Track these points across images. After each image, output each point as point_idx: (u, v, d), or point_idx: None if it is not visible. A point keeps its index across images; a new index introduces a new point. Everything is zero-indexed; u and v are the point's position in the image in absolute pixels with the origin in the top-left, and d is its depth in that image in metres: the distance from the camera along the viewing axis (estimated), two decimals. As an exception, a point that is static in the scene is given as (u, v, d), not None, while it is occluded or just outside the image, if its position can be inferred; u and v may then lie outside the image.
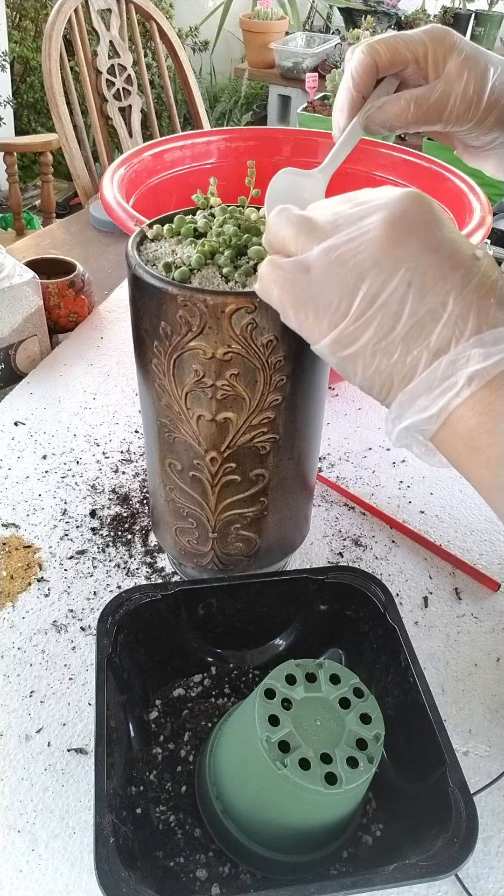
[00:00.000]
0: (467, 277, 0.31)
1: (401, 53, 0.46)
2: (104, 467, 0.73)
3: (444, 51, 0.46)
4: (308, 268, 0.32)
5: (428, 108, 0.47)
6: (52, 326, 0.91)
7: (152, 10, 1.65)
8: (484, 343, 0.30)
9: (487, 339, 0.30)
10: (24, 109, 2.89)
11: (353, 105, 0.48)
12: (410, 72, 0.48)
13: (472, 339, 0.30)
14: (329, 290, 0.31)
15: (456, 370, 0.30)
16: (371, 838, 0.44)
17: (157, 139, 0.98)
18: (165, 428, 0.46)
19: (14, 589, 0.60)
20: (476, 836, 0.37)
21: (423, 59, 0.46)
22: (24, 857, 0.44)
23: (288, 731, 0.37)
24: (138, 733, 0.48)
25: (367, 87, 0.48)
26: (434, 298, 0.30)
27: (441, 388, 0.30)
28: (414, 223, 0.31)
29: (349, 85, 0.48)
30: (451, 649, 0.58)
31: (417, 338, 0.31)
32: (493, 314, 0.30)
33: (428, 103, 0.47)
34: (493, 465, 0.31)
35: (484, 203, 0.82)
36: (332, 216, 0.33)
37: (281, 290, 0.33)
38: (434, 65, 0.47)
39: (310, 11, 3.23)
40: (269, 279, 0.34)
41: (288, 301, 0.33)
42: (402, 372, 0.31)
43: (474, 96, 0.47)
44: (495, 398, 0.30)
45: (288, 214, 0.34)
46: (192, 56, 3.14)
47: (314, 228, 0.33)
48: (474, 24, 2.73)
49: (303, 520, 0.57)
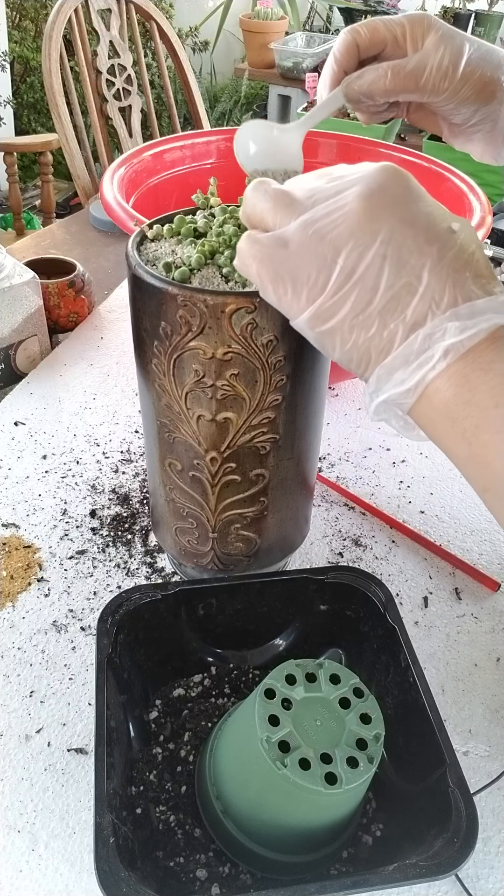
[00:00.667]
0: (443, 251, 0.31)
1: (380, 32, 0.49)
2: (104, 467, 0.73)
3: (422, 29, 0.49)
4: (286, 242, 0.32)
5: (405, 75, 0.49)
6: (52, 326, 0.91)
7: (152, 10, 1.65)
8: (460, 316, 0.30)
9: (463, 313, 0.30)
10: (24, 109, 2.89)
11: (335, 78, 0.52)
12: (391, 50, 0.50)
13: (448, 312, 0.30)
14: (307, 264, 0.32)
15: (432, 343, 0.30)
16: (371, 838, 0.44)
17: (157, 139, 0.98)
18: (165, 428, 0.46)
19: (14, 589, 0.60)
20: (476, 836, 0.37)
21: (401, 38, 0.49)
22: (24, 857, 0.44)
23: (288, 731, 0.37)
24: (138, 733, 0.48)
25: (348, 64, 0.51)
26: (410, 272, 0.31)
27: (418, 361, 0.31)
28: (390, 197, 0.31)
29: (331, 61, 0.52)
30: (451, 649, 0.58)
31: (394, 311, 0.31)
32: (468, 287, 0.31)
33: (405, 71, 0.49)
34: (468, 437, 0.31)
35: (484, 203, 0.82)
36: (309, 191, 0.33)
37: (259, 264, 0.33)
38: (412, 41, 0.49)
39: (310, 11, 3.23)
40: (247, 254, 0.34)
41: (266, 276, 0.33)
42: (379, 346, 0.32)
43: (449, 66, 0.49)
44: (471, 370, 0.30)
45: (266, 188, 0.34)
46: (192, 56, 3.14)
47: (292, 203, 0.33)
48: (474, 24, 2.73)
49: (303, 520, 0.57)
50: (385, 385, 0.32)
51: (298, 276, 0.32)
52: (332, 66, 0.52)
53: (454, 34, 0.50)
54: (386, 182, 0.32)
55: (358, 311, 0.31)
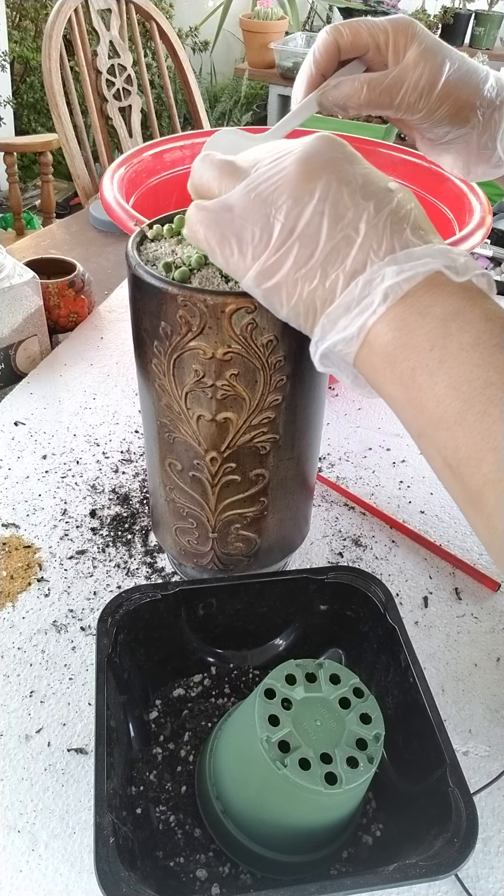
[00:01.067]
0: (380, 205, 0.32)
1: (362, 37, 0.49)
2: (104, 467, 0.73)
3: (405, 39, 0.48)
4: (231, 207, 0.34)
5: (380, 91, 0.49)
6: (52, 326, 0.91)
7: (152, 10, 1.65)
8: (397, 261, 0.31)
9: (401, 257, 0.31)
10: (24, 109, 2.89)
11: (312, 82, 0.51)
12: (372, 56, 0.50)
13: (387, 258, 0.31)
14: (251, 225, 0.33)
15: (372, 289, 0.31)
16: (371, 838, 0.44)
17: (157, 139, 0.98)
18: (165, 428, 0.46)
19: (14, 589, 0.60)
20: (476, 836, 0.37)
21: (384, 45, 0.49)
22: (24, 857, 0.44)
23: (288, 731, 0.37)
24: (138, 733, 0.48)
25: (327, 66, 0.51)
26: (348, 225, 0.32)
27: (359, 307, 0.31)
28: (326, 159, 0.33)
29: (310, 62, 0.51)
30: (451, 649, 0.58)
31: (334, 262, 0.32)
32: (407, 237, 0.32)
33: (380, 87, 0.49)
34: (405, 380, 0.31)
35: (484, 203, 0.82)
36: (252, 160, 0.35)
37: (206, 228, 0.35)
38: (394, 51, 0.49)
39: (310, 11, 3.22)
40: (195, 220, 0.35)
41: (213, 238, 0.34)
42: (323, 296, 0.32)
43: (426, 87, 0.49)
44: (409, 314, 0.31)
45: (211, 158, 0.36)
46: (192, 56, 3.14)
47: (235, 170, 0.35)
48: (474, 24, 2.73)
49: (303, 520, 0.57)
50: (329, 333, 0.33)
51: (243, 236, 0.33)
52: (311, 67, 0.51)
53: (436, 49, 0.49)
54: (322, 147, 0.33)
55: (300, 265, 0.32)
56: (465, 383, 0.30)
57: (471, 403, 0.30)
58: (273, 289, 0.34)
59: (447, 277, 0.31)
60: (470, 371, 0.30)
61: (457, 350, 0.30)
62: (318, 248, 0.32)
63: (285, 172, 0.33)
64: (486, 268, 1.13)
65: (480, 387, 0.29)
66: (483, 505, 0.30)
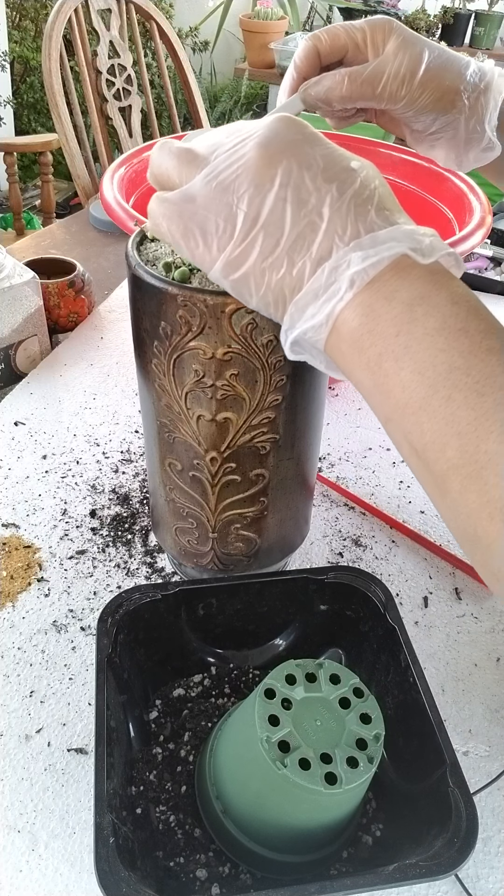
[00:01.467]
0: (343, 187, 0.32)
1: (340, 39, 0.50)
2: (104, 467, 0.73)
3: (382, 35, 0.50)
4: (193, 197, 0.33)
5: (362, 82, 0.50)
6: (52, 326, 0.91)
7: (152, 10, 1.65)
8: (362, 246, 0.31)
9: (365, 242, 0.31)
10: (24, 109, 2.89)
11: (294, 86, 0.53)
12: (352, 56, 0.51)
13: (352, 243, 0.31)
14: (214, 215, 0.32)
15: (338, 276, 0.31)
16: (371, 838, 0.44)
17: (157, 139, 0.98)
18: (165, 428, 0.46)
19: (14, 589, 0.60)
20: (476, 836, 0.37)
21: (362, 43, 0.50)
22: (24, 857, 0.44)
23: (288, 731, 0.37)
24: (138, 733, 0.48)
25: (308, 71, 0.52)
26: (311, 210, 0.31)
27: (326, 294, 0.31)
28: (286, 143, 0.32)
29: (292, 68, 0.52)
30: (451, 649, 0.58)
31: (300, 249, 0.31)
32: (371, 219, 0.31)
33: (361, 77, 0.50)
34: (372, 366, 0.31)
35: (484, 203, 0.82)
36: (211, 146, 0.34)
37: (169, 221, 0.34)
38: (373, 47, 0.50)
39: (310, 11, 3.22)
40: (157, 213, 0.34)
41: (177, 231, 0.34)
42: (291, 284, 0.32)
43: (407, 73, 0.50)
44: (375, 300, 0.30)
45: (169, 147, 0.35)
46: (192, 56, 3.14)
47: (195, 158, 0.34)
48: (474, 24, 2.73)
49: (303, 520, 0.57)
50: (297, 322, 0.32)
51: (207, 227, 0.33)
52: (292, 72, 0.53)
53: (415, 41, 0.50)
54: (281, 129, 0.33)
55: (267, 254, 0.32)
56: (429, 368, 0.30)
57: (435, 388, 0.29)
58: (241, 279, 0.33)
59: (413, 260, 0.31)
60: (435, 356, 0.30)
61: (422, 335, 0.30)
62: (283, 237, 0.32)
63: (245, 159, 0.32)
64: (486, 268, 1.13)
65: (445, 371, 0.29)
66: (448, 490, 0.30)
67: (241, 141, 0.33)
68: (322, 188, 0.31)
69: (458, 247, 0.72)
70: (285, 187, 0.31)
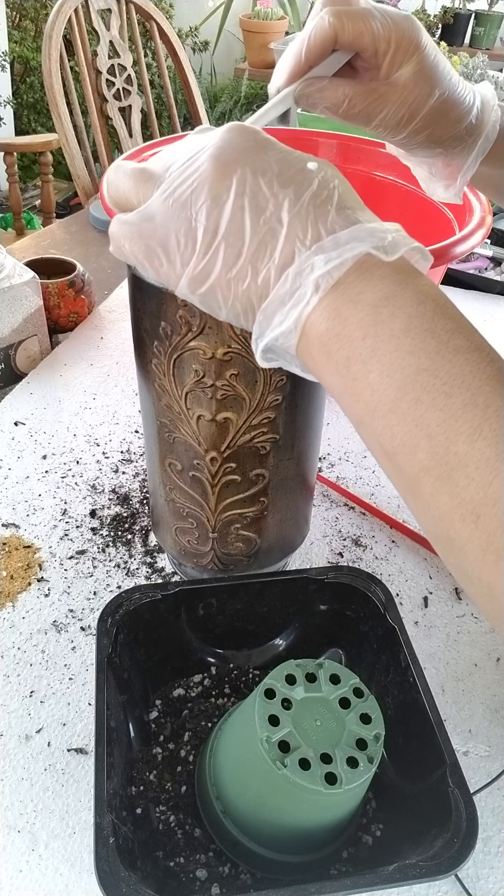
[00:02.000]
0: (300, 190, 0.31)
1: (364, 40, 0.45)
2: (104, 467, 0.73)
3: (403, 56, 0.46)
4: (152, 216, 0.33)
5: (360, 110, 0.48)
6: (52, 326, 0.91)
7: (152, 10, 1.65)
8: (324, 249, 0.30)
9: (327, 245, 0.30)
10: (24, 109, 2.89)
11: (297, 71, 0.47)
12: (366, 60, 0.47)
13: (314, 247, 0.30)
14: (174, 232, 0.32)
15: (302, 280, 0.30)
16: (371, 838, 0.44)
17: (157, 139, 0.98)
18: (165, 428, 0.46)
19: (14, 589, 0.60)
20: (476, 836, 0.37)
21: (382, 55, 0.46)
22: (24, 857, 0.44)
23: (288, 731, 0.37)
24: (138, 733, 0.48)
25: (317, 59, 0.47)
26: (270, 217, 0.31)
27: (292, 300, 0.31)
28: (239, 151, 0.32)
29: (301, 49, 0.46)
30: (451, 649, 0.58)
31: (263, 257, 0.31)
32: (332, 220, 0.31)
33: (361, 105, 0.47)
34: (341, 369, 0.31)
35: (484, 203, 0.82)
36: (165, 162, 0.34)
37: (131, 243, 0.34)
38: (390, 64, 0.46)
39: (310, 11, 3.22)
40: (118, 235, 0.34)
41: (140, 252, 0.34)
42: (258, 293, 0.32)
43: (406, 116, 0.48)
44: (341, 303, 0.30)
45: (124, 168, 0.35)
46: (192, 56, 3.14)
47: (150, 177, 0.34)
48: (474, 24, 2.73)
49: (303, 520, 0.57)
50: (266, 330, 0.32)
51: (168, 245, 0.32)
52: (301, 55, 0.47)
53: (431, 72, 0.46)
54: (233, 139, 0.32)
55: (230, 265, 0.32)
56: (397, 371, 0.29)
57: (404, 391, 0.29)
58: (208, 293, 0.33)
59: (377, 258, 0.30)
60: (402, 358, 0.29)
61: (388, 337, 0.30)
62: (244, 246, 0.31)
63: (199, 172, 0.32)
64: (486, 268, 1.13)
65: (413, 373, 0.29)
66: (420, 492, 0.30)
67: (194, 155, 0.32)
68: (279, 193, 0.31)
69: (458, 247, 0.71)
70: (242, 196, 0.31)
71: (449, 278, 1.08)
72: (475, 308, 1.04)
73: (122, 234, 0.34)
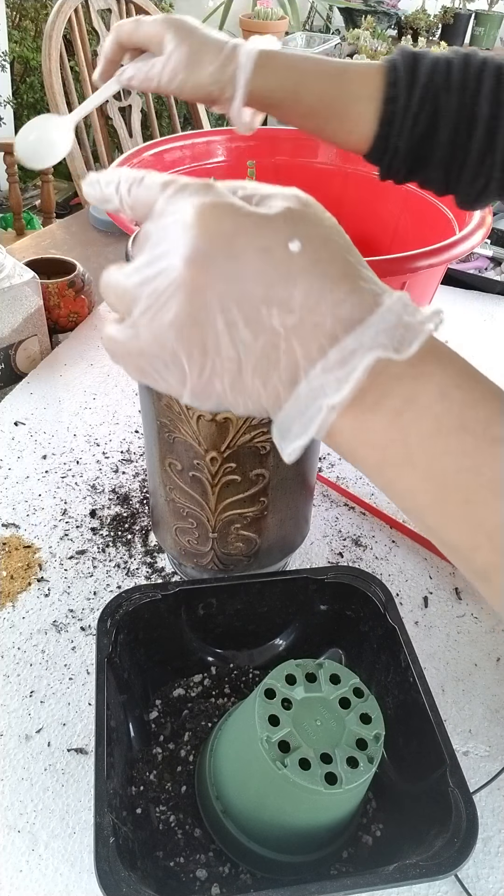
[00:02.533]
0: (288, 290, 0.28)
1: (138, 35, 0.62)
2: (104, 467, 0.73)
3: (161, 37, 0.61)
4: (137, 334, 0.31)
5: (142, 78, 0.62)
6: (52, 326, 0.91)
7: (152, 11, 1.65)
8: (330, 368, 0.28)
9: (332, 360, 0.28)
10: (24, 109, 2.89)
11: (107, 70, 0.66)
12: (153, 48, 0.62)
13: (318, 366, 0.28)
14: (161, 353, 0.30)
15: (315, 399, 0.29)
16: (371, 838, 0.44)
17: (157, 139, 0.98)
18: (165, 428, 0.46)
19: (14, 589, 0.60)
20: (476, 836, 0.37)
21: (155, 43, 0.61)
22: (24, 857, 0.44)
23: (288, 731, 0.37)
24: (138, 733, 0.48)
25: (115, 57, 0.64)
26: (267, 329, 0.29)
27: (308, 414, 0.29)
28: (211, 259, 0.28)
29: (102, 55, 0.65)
30: (451, 649, 0.58)
31: (266, 371, 0.29)
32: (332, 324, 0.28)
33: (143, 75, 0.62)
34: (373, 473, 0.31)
35: (484, 203, 0.82)
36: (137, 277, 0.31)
37: (124, 361, 0.32)
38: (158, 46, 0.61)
39: (310, 11, 3.22)
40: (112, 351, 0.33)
41: (134, 371, 0.32)
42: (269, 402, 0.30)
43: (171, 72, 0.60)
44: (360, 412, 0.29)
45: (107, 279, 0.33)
46: (192, 56, 3.13)
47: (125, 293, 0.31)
48: (474, 24, 2.73)
49: (303, 520, 0.57)
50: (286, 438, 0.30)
51: (157, 366, 0.31)
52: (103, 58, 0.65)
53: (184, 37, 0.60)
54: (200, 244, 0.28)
55: (233, 381, 0.30)
56: (438, 475, 0.28)
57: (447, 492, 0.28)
58: (216, 404, 0.31)
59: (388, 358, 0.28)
60: (437, 460, 0.28)
61: (418, 442, 0.28)
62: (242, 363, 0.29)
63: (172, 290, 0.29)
64: (486, 268, 1.13)
65: (453, 474, 0.28)
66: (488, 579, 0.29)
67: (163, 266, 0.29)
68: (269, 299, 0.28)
69: (458, 247, 0.71)
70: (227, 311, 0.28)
71: (449, 278, 1.08)
72: (475, 308, 1.04)
73: (114, 350, 0.32)
